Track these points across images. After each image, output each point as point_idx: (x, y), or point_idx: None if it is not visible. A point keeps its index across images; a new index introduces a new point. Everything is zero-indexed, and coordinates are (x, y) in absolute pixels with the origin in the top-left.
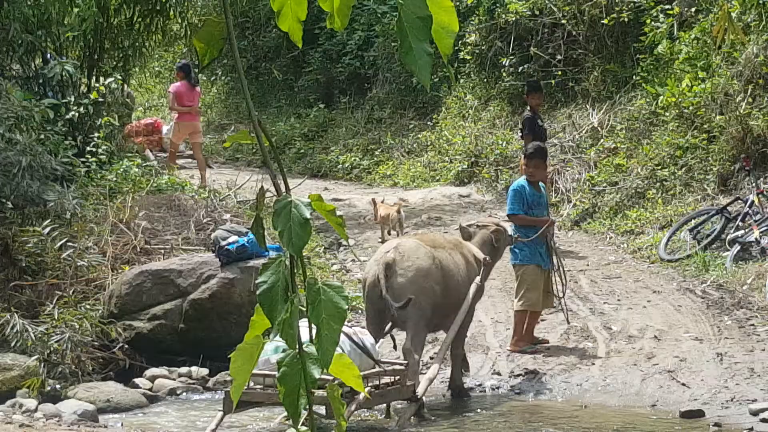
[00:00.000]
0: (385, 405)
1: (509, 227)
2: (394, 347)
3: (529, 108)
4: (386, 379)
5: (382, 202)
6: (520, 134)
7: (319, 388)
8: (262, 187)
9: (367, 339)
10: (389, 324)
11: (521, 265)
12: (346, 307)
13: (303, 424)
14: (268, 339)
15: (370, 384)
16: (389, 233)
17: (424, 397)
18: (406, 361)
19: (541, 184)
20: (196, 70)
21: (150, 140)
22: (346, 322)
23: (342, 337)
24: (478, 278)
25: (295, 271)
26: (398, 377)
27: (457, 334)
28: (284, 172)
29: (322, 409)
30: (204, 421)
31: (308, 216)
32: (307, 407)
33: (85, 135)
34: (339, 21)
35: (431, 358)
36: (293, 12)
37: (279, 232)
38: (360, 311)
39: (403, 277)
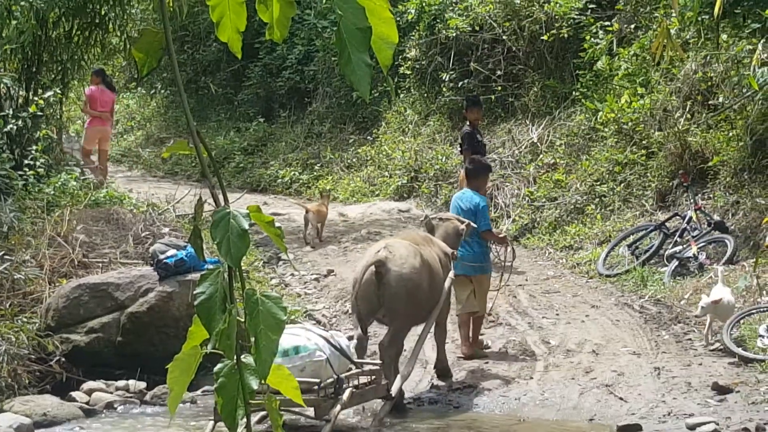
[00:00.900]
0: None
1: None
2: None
3: (468, 123)
4: (363, 379)
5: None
6: (460, 149)
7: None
8: (200, 197)
9: (343, 341)
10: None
11: (483, 275)
12: (284, 317)
13: None
14: (206, 349)
15: (351, 384)
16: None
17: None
18: (380, 360)
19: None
20: (135, 82)
21: None
22: (321, 327)
23: (322, 340)
24: (451, 272)
25: (234, 282)
26: (374, 377)
27: (439, 325)
28: (223, 183)
29: (310, 411)
30: None
31: (246, 227)
32: (245, 418)
33: (22, 148)
34: (278, 32)
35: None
36: (232, 23)
37: (217, 243)
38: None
39: (396, 276)
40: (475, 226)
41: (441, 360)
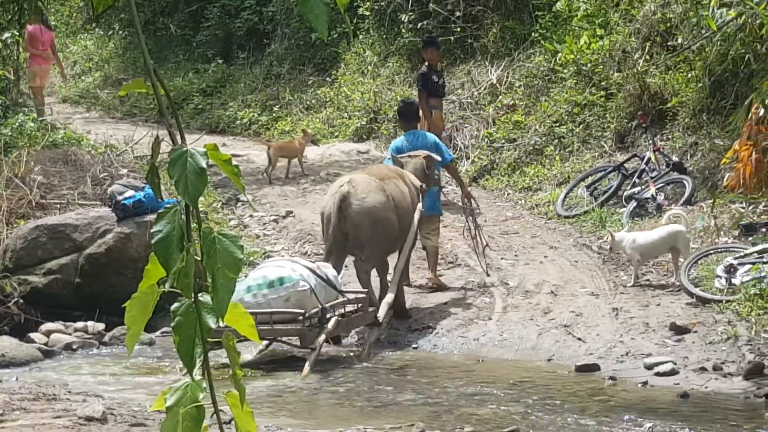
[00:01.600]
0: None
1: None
2: None
3: (426, 64)
4: (350, 308)
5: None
6: (417, 90)
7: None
8: (157, 136)
9: (330, 271)
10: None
11: (438, 214)
12: (241, 256)
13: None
14: (163, 288)
15: (337, 313)
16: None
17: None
18: (365, 290)
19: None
20: (92, 22)
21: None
22: (308, 259)
23: (306, 271)
24: (420, 204)
25: (191, 221)
26: (361, 305)
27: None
28: (180, 123)
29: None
30: (99, 376)
31: (204, 165)
32: (202, 356)
33: None
34: None
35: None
36: None
37: (175, 181)
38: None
39: (359, 210)
40: (438, 158)
41: (398, 298)
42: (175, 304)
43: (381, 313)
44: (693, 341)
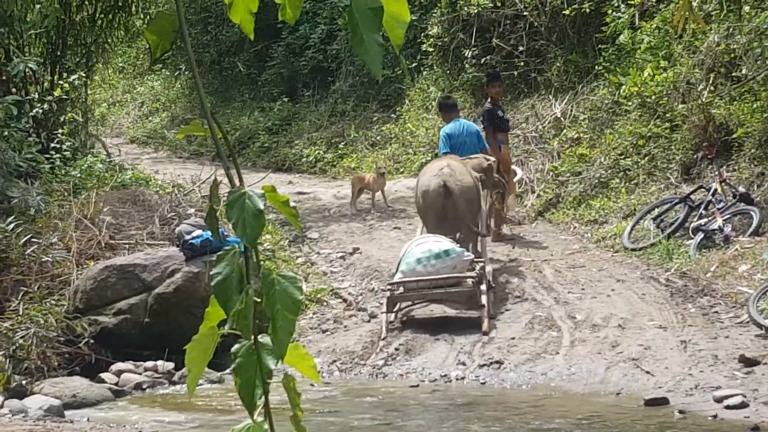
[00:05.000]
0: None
1: None
2: None
3: (489, 99)
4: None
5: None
6: (482, 127)
7: None
8: (215, 178)
9: (454, 245)
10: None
11: None
12: (300, 297)
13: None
14: (224, 330)
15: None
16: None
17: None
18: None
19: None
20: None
21: None
22: (433, 239)
23: (443, 244)
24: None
25: (251, 262)
26: (480, 270)
27: None
28: (238, 164)
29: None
30: (169, 417)
31: (262, 207)
32: (263, 398)
33: (49, 131)
34: (290, 13)
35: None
36: (245, 3)
37: (233, 224)
38: (325, 303)
39: (459, 189)
40: (494, 159)
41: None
42: (236, 346)
43: (490, 278)
44: (763, 373)
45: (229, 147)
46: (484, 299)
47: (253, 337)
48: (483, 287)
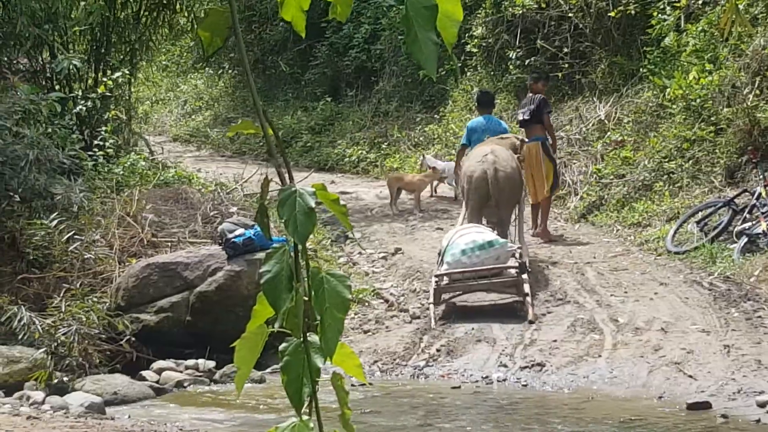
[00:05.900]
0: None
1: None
2: None
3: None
4: (512, 262)
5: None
6: (546, 111)
7: None
8: (266, 176)
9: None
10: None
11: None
12: (349, 296)
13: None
14: (272, 328)
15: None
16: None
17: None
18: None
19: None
20: (202, 62)
21: None
22: (476, 230)
23: (486, 235)
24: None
25: (300, 260)
26: (521, 256)
27: None
28: (288, 162)
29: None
30: (210, 415)
31: (313, 205)
32: (310, 396)
33: (92, 129)
34: (341, 10)
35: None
36: (296, 1)
37: (284, 221)
38: (367, 303)
39: (504, 175)
40: (525, 139)
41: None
42: (284, 344)
43: (526, 262)
44: None
45: (280, 144)
46: (527, 288)
47: (302, 336)
48: (525, 276)
